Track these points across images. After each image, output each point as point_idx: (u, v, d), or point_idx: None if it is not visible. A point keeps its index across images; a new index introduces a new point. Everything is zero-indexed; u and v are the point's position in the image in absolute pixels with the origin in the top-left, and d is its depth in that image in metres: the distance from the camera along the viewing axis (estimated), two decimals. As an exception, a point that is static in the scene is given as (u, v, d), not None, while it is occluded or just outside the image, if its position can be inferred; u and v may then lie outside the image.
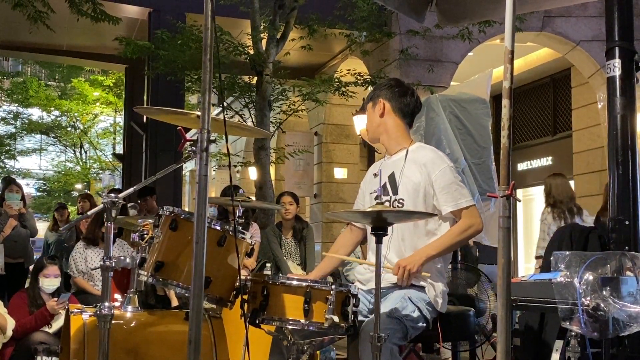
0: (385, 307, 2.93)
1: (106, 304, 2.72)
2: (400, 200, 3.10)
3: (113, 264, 2.76)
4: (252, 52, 9.33)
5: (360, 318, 2.91)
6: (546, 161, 13.35)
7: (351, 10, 9.95)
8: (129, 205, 9.87)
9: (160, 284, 2.82)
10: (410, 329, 2.94)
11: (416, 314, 2.97)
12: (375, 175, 3.24)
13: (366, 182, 3.38)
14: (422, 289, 3.04)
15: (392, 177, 3.16)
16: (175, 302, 5.58)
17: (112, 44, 10.62)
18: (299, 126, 14.36)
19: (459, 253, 6.44)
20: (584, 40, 10.58)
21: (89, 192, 7.46)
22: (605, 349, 3.17)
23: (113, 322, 2.78)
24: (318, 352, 4.05)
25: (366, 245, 3.39)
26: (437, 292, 3.06)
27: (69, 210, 10.91)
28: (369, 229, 2.97)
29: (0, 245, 6.67)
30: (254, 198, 9.48)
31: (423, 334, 3.04)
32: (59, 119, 26.57)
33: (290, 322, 2.65)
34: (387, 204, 3.10)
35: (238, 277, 2.77)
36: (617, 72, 3.57)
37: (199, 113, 2.22)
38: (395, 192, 3.13)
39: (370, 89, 10.60)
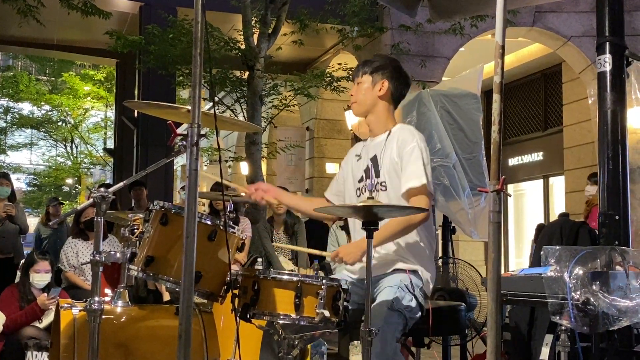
0: (382, 296, 2.92)
1: (96, 298, 2.71)
2: (383, 183, 3.08)
3: (103, 259, 2.75)
4: (243, 46, 9.31)
5: (350, 307, 2.90)
6: (537, 156, 13.39)
7: (343, 5, 9.94)
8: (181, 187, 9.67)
9: (151, 278, 2.82)
10: (409, 320, 2.94)
11: (414, 303, 2.96)
12: (357, 156, 3.22)
13: (348, 163, 3.31)
14: (415, 272, 3.03)
15: (374, 160, 3.13)
16: (167, 297, 5.57)
17: (103, 38, 10.58)
18: (290, 121, 14.35)
19: (451, 248, 6.46)
20: (575, 36, 10.61)
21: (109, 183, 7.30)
22: (595, 343, 3.19)
23: (103, 317, 2.77)
24: (309, 346, 4.06)
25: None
26: (428, 277, 3.07)
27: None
28: (359, 223, 2.95)
29: None
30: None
31: (414, 327, 3.05)
32: (49, 113, 26.47)
33: (281, 317, 2.64)
34: (370, 188, 3.06)
35: (229, 272, 2.77)
36: (608, 68, 3.58)
37: (190, 107, 2.21)
38: (377, 175, 3.10)
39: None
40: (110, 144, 22.65)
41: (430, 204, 3.02)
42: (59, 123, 26.84)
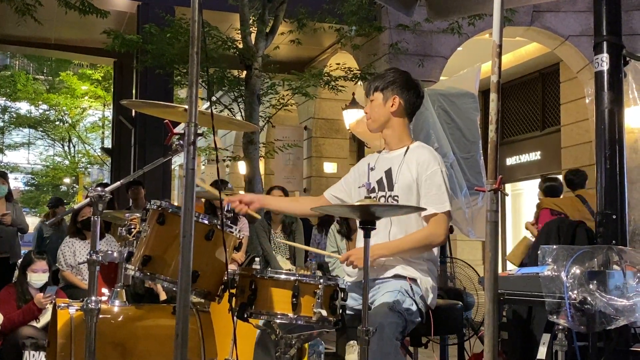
0: (383, 299, 2.93)
1: (93, 298, 2.71)
2: (395, 197, 3.10)
3: (100, 259, 2.75)
4: (241, 46, 9.30)
5: (349, 312, 2.91)
6: (534, 156, 13.38)
7: (341, 4, 9.93)
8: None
9: (148, 278, 2.81)
10: (409, 322, 2.94)
11: (414, 307, 2.97)
12: (371, 168, 3.22)
13: (359, 172, 3.33)
14: (414, 281, 3.04)
15: (388, 173, 3.15)
16: (163, 296, 5.56)
17: (101, 37, 10.56)
18: (288, 120, 14.35)
19: (448, 247, 6.46)
20: (573, 35, 10.61)
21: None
22: (592, 342, 3.19)
23: (100, 316, 2.77)
24: (306, 345, 4.05)
25: (352, 242, 3.38)
26: (428, 286, 3.08)
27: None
28: (356, 223, 2.96)
29: None
30: (242, 192, 9.46)
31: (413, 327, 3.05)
32: (47, 112, 26.43)
33: (279, 316, 2.64)
34: (382, 199, 3.10)
35: (226, 271, 2.77)
36: (605, 67, 3.59)
37: (187, 106, 2.21)
38: (390, 188, 3.12)
39: (360, 83, 10.61)
40: (108, 143, 22.61)
41: (448, 227, 3.07)
42: (57, 122, 26.81)
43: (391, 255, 3.03)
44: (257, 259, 5.40)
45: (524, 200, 14.23)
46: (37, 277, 5.17)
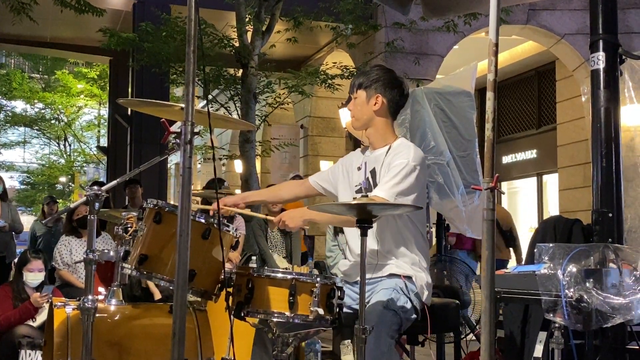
0: (377, 297, 2.93)
1: (89, 297, 2.70)
2: None
3: (96, 257, 2.75)
4: (237, 44, 9.29)
5: (345, 310, 2.91)
6: (531, 154, 13.41)
7: (337, 2, 9.92)
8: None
9: (145, 277, 2.81)
10: (404, 320, 2.94)
11: (409, 305, 2.97)
12: (358, 168, 3.21)
13: (345, 168, 3.31)
14: (409, 279, 3.04)
15: (373, 173, 3.15)
16: (158, 296, 5.55)
17: (96, 35, 10.55)
18: (284, 119, 14.34)
19: (444, 245, 6.46)
20: (569, 34, 10.62)
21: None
22: (588, 340, 3.19)
23: (97, 315, 2.77)
24: (303, 343, 4.06)
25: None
26: (423, 283, 3.08)
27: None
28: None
29: None
30: (239, 191, 9.47)
31: (410, 326, 3.05)
32: (42, 111, 26.40)
33: (275, 315, 2.64)
34: (365, 186, 3.07)
35: (223, 270, 2.77)
36: (601, 65, 3.58)
37: (183, 105, 2.21)
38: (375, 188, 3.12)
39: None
40: (104, 142, 22.60)
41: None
42: (52, 121, 26.78)
43: (318, 222, 3.09)
44: (253, 258, 5.42)
45: (520, 198, 14.26)
46: (33, 276, 5.17)
